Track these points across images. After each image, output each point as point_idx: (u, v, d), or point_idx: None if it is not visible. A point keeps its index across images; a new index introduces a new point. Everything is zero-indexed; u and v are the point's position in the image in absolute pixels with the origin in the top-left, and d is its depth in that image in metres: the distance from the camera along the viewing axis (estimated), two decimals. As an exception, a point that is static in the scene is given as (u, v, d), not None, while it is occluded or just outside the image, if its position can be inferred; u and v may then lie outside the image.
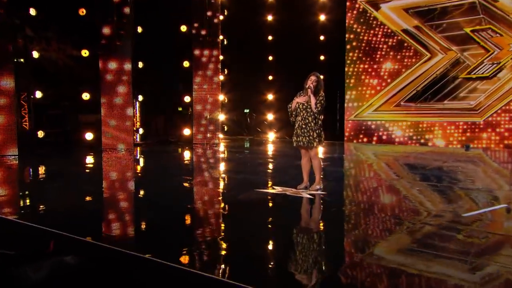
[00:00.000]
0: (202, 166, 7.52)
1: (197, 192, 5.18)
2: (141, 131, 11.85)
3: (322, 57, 12.62)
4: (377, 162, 8.07)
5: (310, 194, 4.81)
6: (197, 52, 11.34)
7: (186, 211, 4.23)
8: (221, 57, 11.88)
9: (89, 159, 8.45)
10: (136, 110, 12.23)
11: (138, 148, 10.24)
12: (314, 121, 4.89)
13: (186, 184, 5.72)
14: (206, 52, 11.40)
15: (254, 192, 4.94)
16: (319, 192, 4.90)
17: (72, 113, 10.47)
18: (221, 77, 12.03)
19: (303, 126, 4.92)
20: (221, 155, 9.43)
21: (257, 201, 4.52)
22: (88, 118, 10.49)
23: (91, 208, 4.33)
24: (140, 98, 11.70)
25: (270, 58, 13.33)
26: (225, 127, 14.43)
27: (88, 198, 4.81)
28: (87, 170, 7.06)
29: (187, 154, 9.49)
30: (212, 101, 11.77)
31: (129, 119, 10.05)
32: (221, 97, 12.63)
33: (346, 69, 12.13)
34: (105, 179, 6.08)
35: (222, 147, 10.98)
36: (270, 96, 13.58)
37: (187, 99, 11.79)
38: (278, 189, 5.11)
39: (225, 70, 13.55)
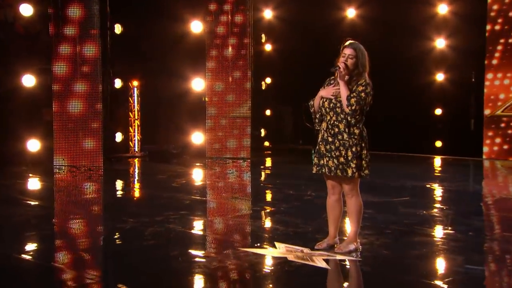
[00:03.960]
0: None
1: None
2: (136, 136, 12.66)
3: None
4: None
5: (338, 260, 4.80)
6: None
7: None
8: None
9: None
10: (135, 101, 12.84)
11: (95, 170, 10.65)
12: (349, 130, 4.72)
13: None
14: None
15: (236, 255, 4.98)
16: (353, 256, 4.83)
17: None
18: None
19: (329, 139, 4.82)
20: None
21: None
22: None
23: None
24: (118, 83, 12.15)
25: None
26: (262, 130, 14.65)
27: None
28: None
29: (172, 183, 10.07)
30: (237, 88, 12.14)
31: (97, 118, 10.67)
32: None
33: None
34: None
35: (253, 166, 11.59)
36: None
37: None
38: (281, 249, 5.09)
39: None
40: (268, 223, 6.55)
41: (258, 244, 5.41)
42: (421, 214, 6.74)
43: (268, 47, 14.62)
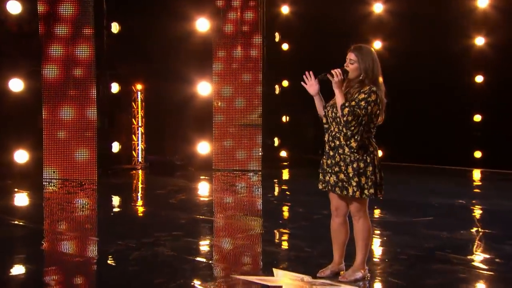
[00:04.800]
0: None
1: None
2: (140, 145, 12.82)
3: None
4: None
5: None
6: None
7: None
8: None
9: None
10: (138, 107, 13.03)
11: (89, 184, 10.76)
12: (350, 143, 4.70)
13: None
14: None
15: (227, 283, 5.01)
16: (360, 286, 4.82)
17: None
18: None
19: (331, 153, 4.85)
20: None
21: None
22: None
23: None
24: (116, 87, 12.29)
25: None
26: (276, 139, 14.66)
27: None
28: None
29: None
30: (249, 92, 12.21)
31: (90, 127, 10.78)
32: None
33: None
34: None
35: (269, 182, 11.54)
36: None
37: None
38: (279, 277, 5.09)
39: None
40: (268, 246, 6.48)
41: (254, 271, 5.39)
42: (445, 237, 6.61)
43: (285, 47, 14.61)
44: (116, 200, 9.84)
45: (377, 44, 13.74)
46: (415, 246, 6.13)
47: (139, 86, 12.94)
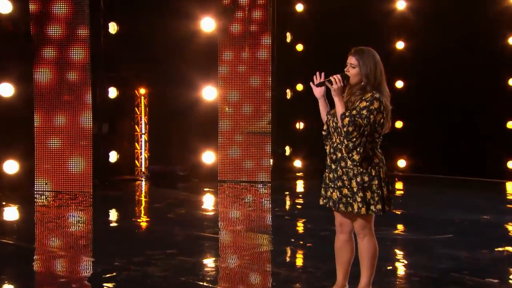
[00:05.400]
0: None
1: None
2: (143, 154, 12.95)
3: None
4: None
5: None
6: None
7: None
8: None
9: None
10: (142, 112, 13.14)
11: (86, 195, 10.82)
12: (353, 155, 4.66)
13: None
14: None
15: None
16: None
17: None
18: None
19: (333, 166, 4.84)
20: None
21: None
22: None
23: None
24: (114, 92, 12.33)
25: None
26: (288, 148, 14.59)
27: None
28: None
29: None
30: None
31: (86, 134, 10.84)
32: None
33: None
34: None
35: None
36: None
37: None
38: None
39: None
40: (269, 266, 6.48)
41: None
42: (462, 257, 6.56)
43: (299, 47, 14.61)
44: (110, 214, 9.82)
45: (400, 45, 13.75)
46: (429, 267, 6.08)
47: (142, 90, 13.02)
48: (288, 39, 14.18)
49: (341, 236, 4.92)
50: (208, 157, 12.68)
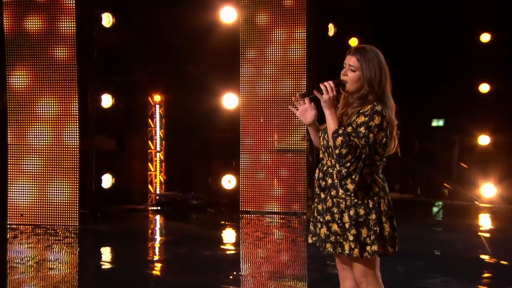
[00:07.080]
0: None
1: None
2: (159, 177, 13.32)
3: None
4: None
5: None
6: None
7: None
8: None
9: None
10: (157, 125, 13.40)
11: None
12: (346, 184, 4.64)
13: None
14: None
15: None
16: None
17: None
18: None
19: (322, 195, 4.85)
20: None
21: None
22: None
23: None
24: (109, 101, 12.51)
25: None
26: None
27: None
28: None
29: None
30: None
31: (72, 152, 10.94)
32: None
33: None
34: None
35: None
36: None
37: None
38: None
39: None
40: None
41: None
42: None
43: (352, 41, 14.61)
44: (100, 255, 9.82)
45: (485, 37, 13.79)
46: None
47: (157, 98, 13.23)
48: (331, 32, 14.15)
49: (345, 282, 4.98)
50: (228, 182, 12.82)
